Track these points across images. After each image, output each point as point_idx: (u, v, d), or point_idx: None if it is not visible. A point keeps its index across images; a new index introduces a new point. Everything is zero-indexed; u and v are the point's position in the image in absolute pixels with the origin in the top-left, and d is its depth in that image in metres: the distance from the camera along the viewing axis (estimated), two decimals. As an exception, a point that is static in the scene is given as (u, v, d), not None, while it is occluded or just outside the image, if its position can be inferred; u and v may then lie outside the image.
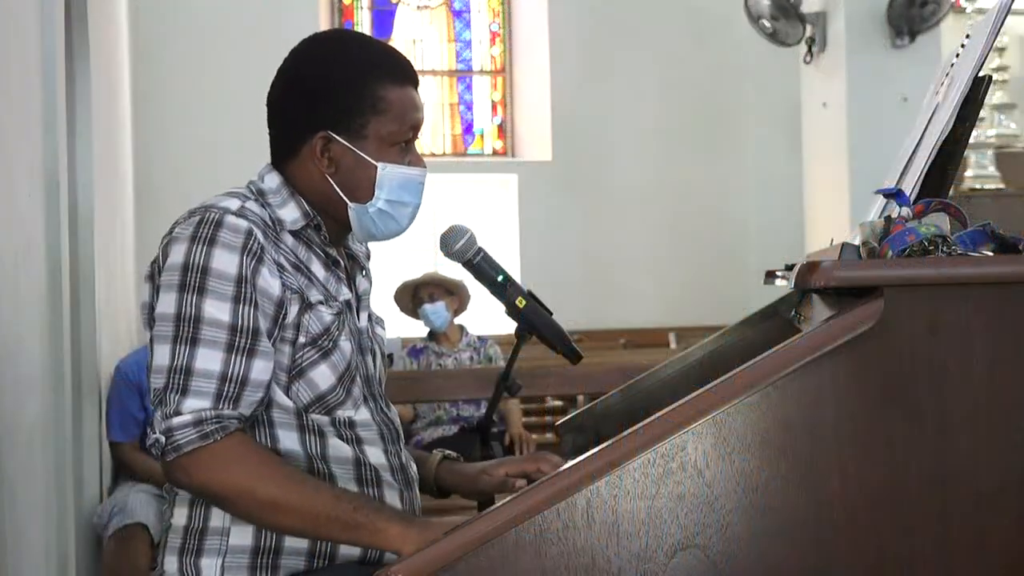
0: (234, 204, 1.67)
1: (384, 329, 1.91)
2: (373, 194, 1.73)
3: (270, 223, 1.70)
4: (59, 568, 2.99)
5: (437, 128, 9.52)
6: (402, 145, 1.74)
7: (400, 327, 5.83)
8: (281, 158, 1.77)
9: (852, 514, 1.33)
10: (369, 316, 1.85)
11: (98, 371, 4.25)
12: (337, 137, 1.71)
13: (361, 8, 9.41)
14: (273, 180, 1.75)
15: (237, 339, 1.61)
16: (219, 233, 1.62)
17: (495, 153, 9.62)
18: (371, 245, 1.93)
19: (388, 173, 1.73)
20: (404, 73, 1.75)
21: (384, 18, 9.49)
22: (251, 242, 1.63)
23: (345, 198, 1.74)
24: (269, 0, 8.25)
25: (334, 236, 1.78)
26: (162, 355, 1.61)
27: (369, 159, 1.72)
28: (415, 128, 1.75)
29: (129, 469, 4.20)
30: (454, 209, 8.76)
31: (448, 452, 1.99)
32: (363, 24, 9.38)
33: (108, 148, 5.14)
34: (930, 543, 1.34)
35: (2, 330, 2.34)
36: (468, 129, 9.61)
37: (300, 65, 1.76)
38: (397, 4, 9.51)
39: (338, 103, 1.71)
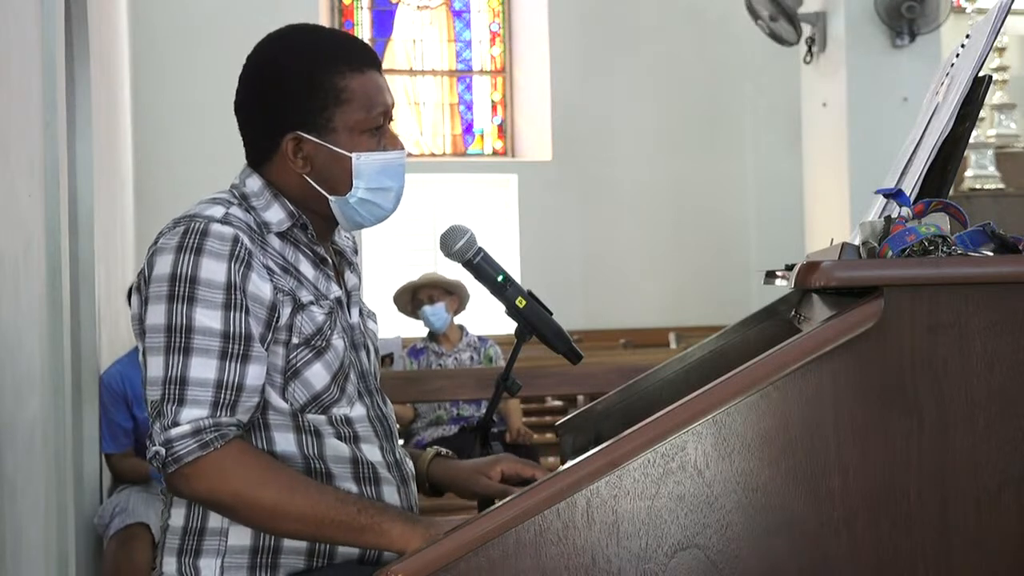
0: (219, 212, 1.66)
1: (376, 323, 1.90)
2: (352, 185, 1.72)
3: (255, 227, 1.69)
4: (59, 568, 2.99)
5: (437, 128, 9.52)
6: (374, 131, 1.73)
7: (400, 327, 5.84)
8: (257, 161, 1.76)
9: (852, 514, 1.33)
10: (360, 311, 1.84)
11: (98, 371, 4.25)
12: (306, 136, 1.70)
13: (361, 8, 9.41)
14: (255, 183, 1.74)
15: (230, 346, 1.60)
16: (205, 242, 1.61)
17: (495, 153, 9.62)
18: (371, 243, 1.93)
19: (364, 161, 1.72)
20: (360, 58, 1.73)
21: (384, 18, 9.50)
22: (238, 249, 1.63)
23: (325, 193, 1.73)
24: (268, 1, 8.25)
25: (321, 232, 1.78)
26: (156, 367, 1.61)
27: (342, 151, 1.71)
28: (385, 112, 1.73)
29: (125, 477, 4.19)
30: (454, 209, 8.77)
31: (441, 449, 1.98)
32: (363, 24, 9.39)
33: (108, 148, 5.14)
34: (930, 543, 1.34)
35: (2, 330, 2.34)
36: (468, 129, 9.61)
37: (257, 70, 1.74)
38: (397, 4, 9.51)
39: (299, 102, 1.69)
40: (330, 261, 1.79)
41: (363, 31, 9.29)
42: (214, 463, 1.57)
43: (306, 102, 1.69)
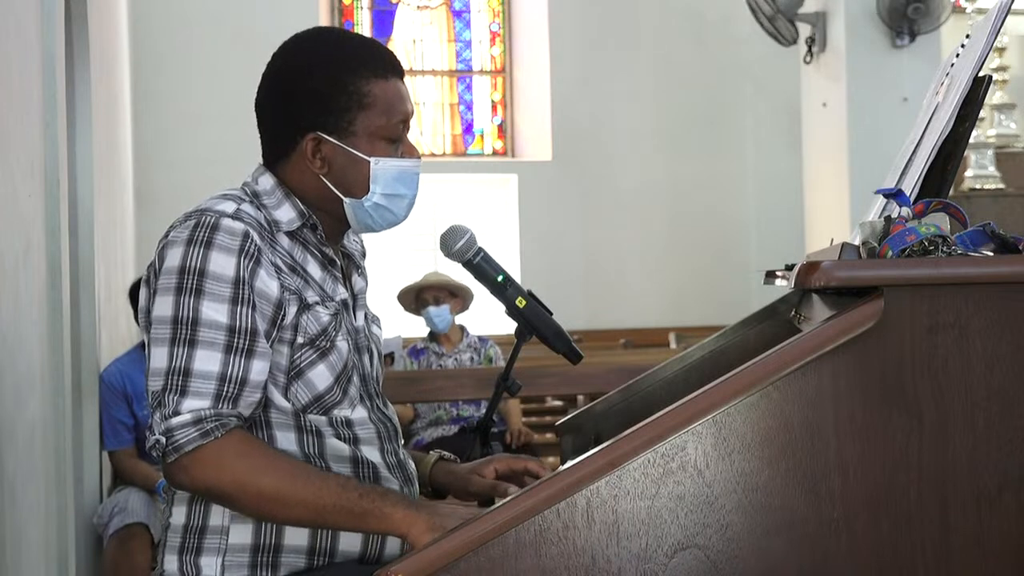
0: (230, 207, 1.67)
1: (380, 328, 1.91)
2: (368, 189, 1.73)
3: (265, 225, 1.70)
4: (59, 568, 2.99)
5: (437, 128, 9.53)
6: (392, 137, 1.74)
7: (401, 327, 5.83)
8: (274, 160, 1.77)
9: (852, 514, 1.33)
10: (366, 315, 1.85)
11: (98, 371, 4.25)
12: (327, 137, 1.71)
13: (361, 8, 9.41)
14: (267, 181, 1.75)
15: (235, 340, 1.61)
16: (215, 236, 1.62)
17: (495, 153, 9.62)
18: (371, 243, 1.93)
19: (382, 167, 1.73)
20: (386, 65, 1.74)
21: (384, 18, 9.49)
22: (248, 244, 1.63)
23: (340, 194, 1.74)
24: (268, 1, 8.26)
25: (330, 234, 1.78)
26: (160, 357, 1.61)
27: (361, 155, 1.72)
28: (405, 120, 1.75)
29: (127, 476, 4.19)
30: (454, 209, 8.77)
31: (444, 453, 1.99)
32: (363, 24, 9.38)
33: (108, 148, 5.14)
34: (930, 543, 1.34)
35: (2, 330, 2.34)
36: (468, 129, 9.61)
37: (282, 68, 1.75)
38: (397, 4, 9.51)
39: (323, 103, 1.70)
40: (338, 263, 1.79)
41: (363, 31, 9.29)
42: (215, 452, 1.57)
43: (329, 103, 1.70)
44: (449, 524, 1.47)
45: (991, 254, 1.39)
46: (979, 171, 6.65)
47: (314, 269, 1.74)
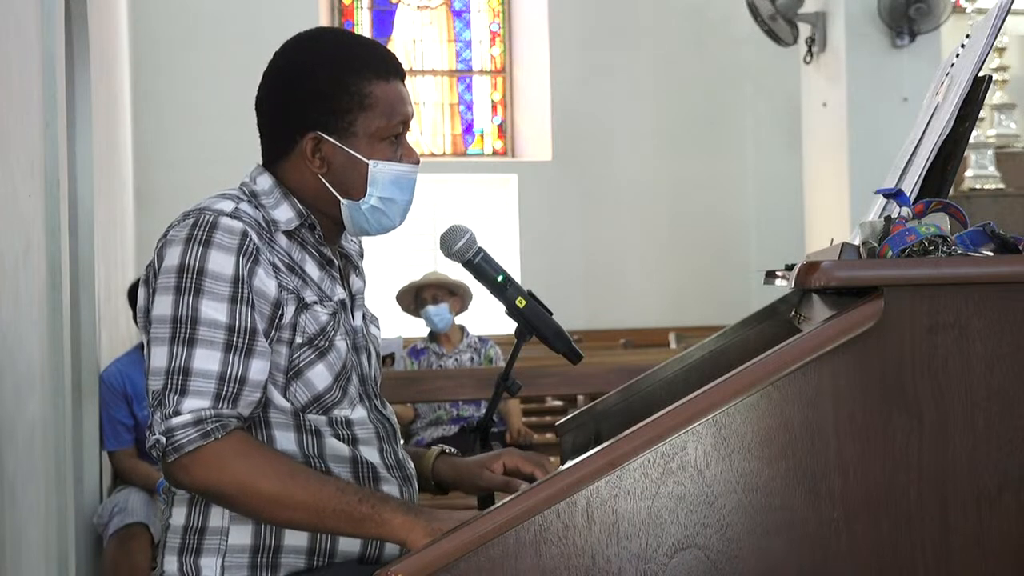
0: (228, 206, 1.67)
1: (379, 328, 1.91)
2: (366, 191, 1.74)
3: (264, 224, 1.70)
4: (59, 568, 2.99)
5: (437, 128, 9.53)
6: (392, 139, 1.74)
7: (401, 327, 5.83)
8: (273, 159, 1.77)
9: (852, 513, 1.33)
10: (364, 315, 1.85)
11: (98, 371, 4.25)
12: (327, 137, 1.71)
13: (361, 8, 9.41)
14: (265, 181, 1.75)
15: (235, 339, 1.61)
16: (214, 235, 1.62)
17: (495, 153, 9.62)
18: (371, 243, 1.93)
19: (380, 170, 1.73)
20: (388, 67, 1.75)
21: (384, 18, 9.50)
22: (246, 243, 1.63)
23: (338, 195, 1.74)
24: (268, 1, 8.26)
25: (328, 234, 1.78)
26: (160, 357, 1.61)
27: (360, 156, 1.72)
28: (405, 122, 1.75)
29: (127, 476, 4.20)
30: (454, 209, 8.77)
31: (445, 447, 1.99)
32: (363, 24, 9.38)
33: (108, 148, 5.14)
34: (930, 543, 1.34)
35: (2, 330, 2.34)
36: (468, 129, 9.61)
37: (283, 67, 1.76)
38: (397, 4, 9.51)
39: (324, 103, 1.71)
40: (336, 263, 1.79)
41: (363, 31, 9.29)
42: (215, 452, 1.57)
43: (331, 103, 1.71)
44: (448, 529, 1.47)
45: (991, 254, 1.39)
46: (979, 171, 6.65)
47: (312, 269, 1.74)
